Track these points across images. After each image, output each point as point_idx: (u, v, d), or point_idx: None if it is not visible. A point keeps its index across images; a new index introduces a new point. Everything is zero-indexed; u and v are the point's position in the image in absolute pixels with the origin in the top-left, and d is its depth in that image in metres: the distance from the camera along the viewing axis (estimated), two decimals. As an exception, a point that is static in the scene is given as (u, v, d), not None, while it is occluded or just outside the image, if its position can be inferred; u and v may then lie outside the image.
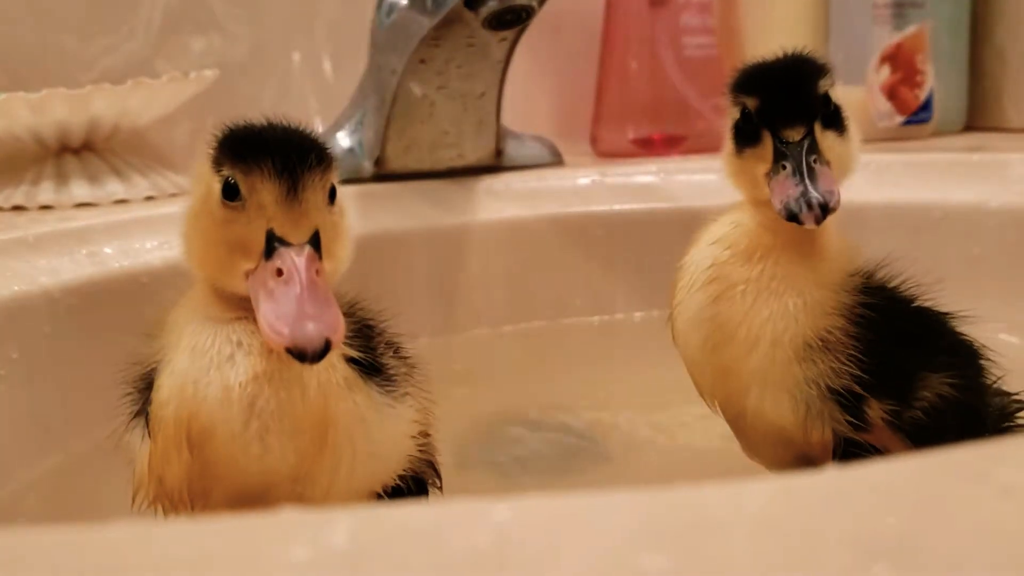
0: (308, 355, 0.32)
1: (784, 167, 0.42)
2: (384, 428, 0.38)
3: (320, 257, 0.36)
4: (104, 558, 0.18)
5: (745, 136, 0.45)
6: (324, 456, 0.36)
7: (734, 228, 0.45)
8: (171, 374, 0.37)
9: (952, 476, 0.18)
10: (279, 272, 0.35)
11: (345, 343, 0.38)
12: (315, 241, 0.36)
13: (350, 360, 0.38)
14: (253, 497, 0.36)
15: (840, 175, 0.44)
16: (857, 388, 0.41)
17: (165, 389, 0.36)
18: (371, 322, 0.43)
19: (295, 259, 0.35)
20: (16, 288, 0.60)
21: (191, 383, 0.36)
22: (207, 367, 0.36)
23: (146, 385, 0.38)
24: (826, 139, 0.43)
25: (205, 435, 0.35)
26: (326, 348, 0.32)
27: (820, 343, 0.42)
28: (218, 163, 0.38)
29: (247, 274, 0.36)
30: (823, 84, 0.44)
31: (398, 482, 0.40)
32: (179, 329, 0.38)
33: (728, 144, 0.46)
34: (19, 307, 0.60)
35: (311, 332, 0.32)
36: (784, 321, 0.42)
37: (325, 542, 0.17)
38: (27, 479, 0.57)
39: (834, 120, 0.44)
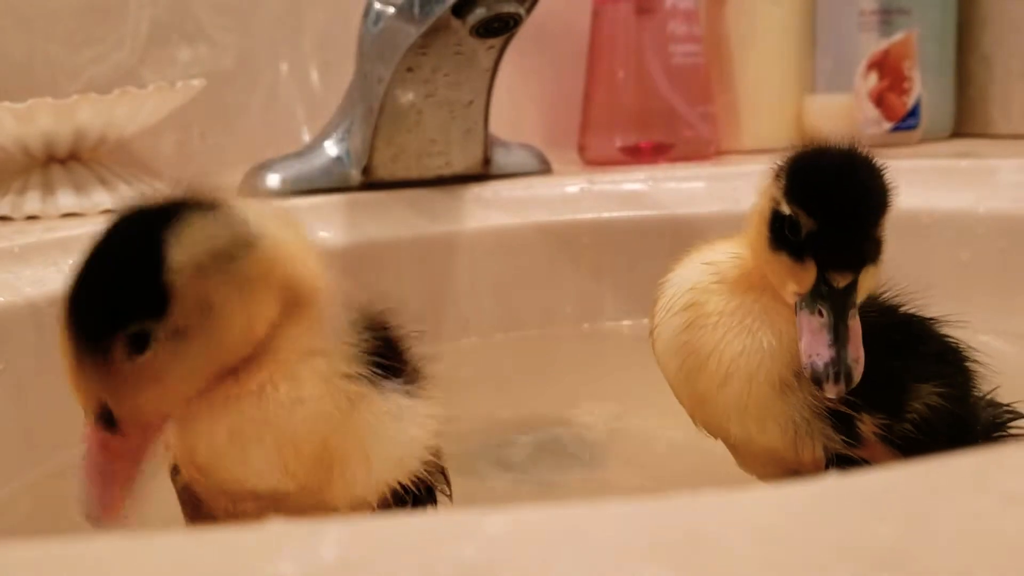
0: None
1: (821, 314, 0.39)
2: (401, 430, 0.38)
3: (116, 425, 0.34)
4: (90, 571, 0.17)
5: (786, 243, 0.40)
6: (334, 474, 0.36)
7: (731, 259, 0.44)
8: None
9: (954, 484, 0.18)
10: None
11: (360, 355, 0.37)
12: (106, 414, 0.34)
13: (372, 364, 0.37)
14: (268, 504, 0.36)
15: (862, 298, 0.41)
16: (844, 408, 0.41)
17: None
18: (390, 328, 0.42)
19: (86, 440, 0.35)
20: (1, 299, 0.60)
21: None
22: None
23: None
24: (865, 278, 0.40)
25: (207, 469, 0.35)
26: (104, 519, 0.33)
27: (796, 377, 0.41)
28: None
29: None
30: (884, 219, 0.40)
31: (411, 486, 0.39)
32: None
33: (761, 224, 0.42)
34: (4, 318, 0.59)
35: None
36: (758, 357, 0.42)
37: (313, 555, 0.17)
38: (13, 491, 0.56)
39: (877, 253, 0.40)
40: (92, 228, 0.34)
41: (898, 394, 0.42)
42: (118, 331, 0.31)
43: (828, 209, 0.40)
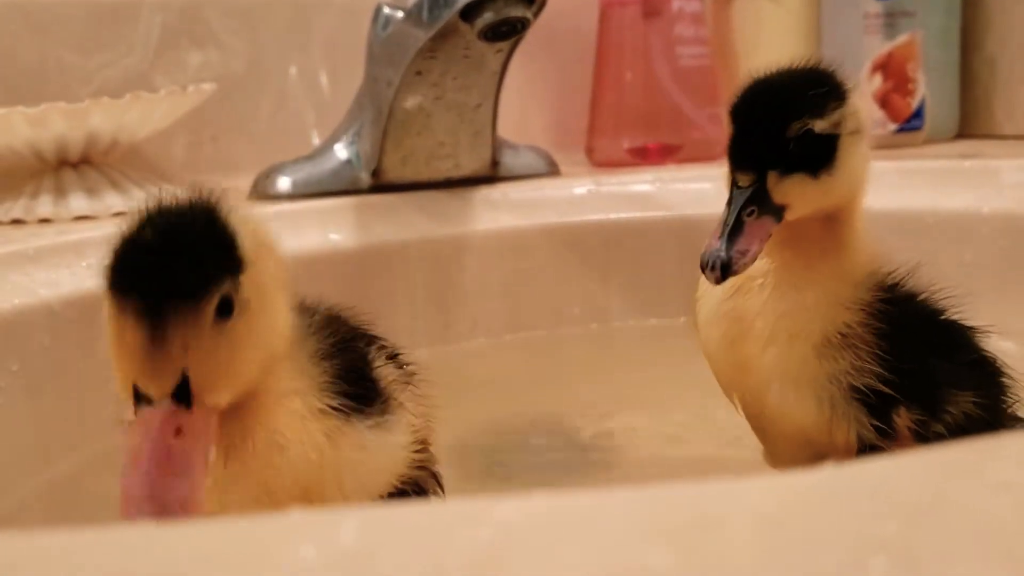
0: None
1: (725, 210, 0.41)
2: (378, 453, 0.38)
3: (191, 401, 0.31)
4: (110, 560, 0.18)
5: None
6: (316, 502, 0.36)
7: None
8: None
9: (948, 473, 0.18)
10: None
11: (326, 388, 0.37)
12: (182, 389, 0.31)
13: (339, 393, 0.37)
14: None
15: (804, 211, 0.42)
16: (882, 388, 0.41)
17: None
18: (362, 331, 0.42)
19: (147, 426, 0.30)
20: (16, 301, 0.60)
21: None
22: None
23: None
24: (785, 184, 0.41)
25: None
26: (186, 511, 0.29)
27: (840, 338, 0.41)
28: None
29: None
30: (799, 124, 0.40)
31: (400, 489, 0.39)
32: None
33: None
34: (19, 320, 0.60)
35: (149, 515, 0.29)
36: (803, 314, 0.42)
37: (333, 540, 0.17)
38: (28, 491, 0.57)
39: (808, 159, 0.41)
40: (105, 231, 0.34)
41: (935, 393, 0.42)
42: (213, 289, 0.31)
43: (734, 112, 0.42)
